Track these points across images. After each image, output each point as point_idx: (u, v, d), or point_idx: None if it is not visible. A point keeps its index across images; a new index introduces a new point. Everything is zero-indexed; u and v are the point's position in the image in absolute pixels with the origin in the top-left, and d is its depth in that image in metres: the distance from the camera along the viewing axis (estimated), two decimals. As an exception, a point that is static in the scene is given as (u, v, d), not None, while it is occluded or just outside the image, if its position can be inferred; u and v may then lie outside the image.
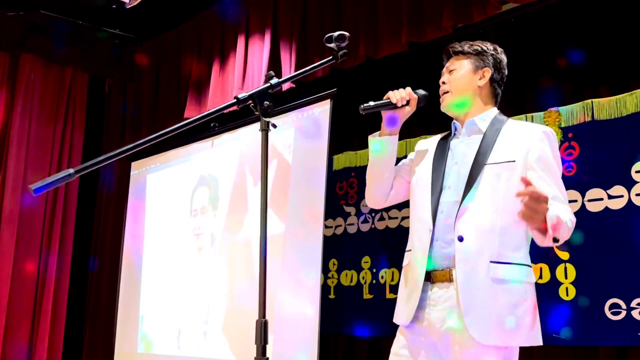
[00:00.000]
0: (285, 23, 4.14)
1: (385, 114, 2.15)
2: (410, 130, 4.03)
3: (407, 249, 2.19)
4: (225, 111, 1.81)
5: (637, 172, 3.23)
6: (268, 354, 1.54)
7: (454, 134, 2.19)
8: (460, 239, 1.96)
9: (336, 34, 1.85)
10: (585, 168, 3.40)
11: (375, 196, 2.26)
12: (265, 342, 1.51)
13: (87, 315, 5.40)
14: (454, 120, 2.21)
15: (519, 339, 1.94)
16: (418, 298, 2.01)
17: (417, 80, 2.28)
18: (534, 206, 1.74)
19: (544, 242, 1.85)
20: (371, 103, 2.10)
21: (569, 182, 3.42)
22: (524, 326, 1.93)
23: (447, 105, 2.18)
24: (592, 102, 3.41)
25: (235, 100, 1.68)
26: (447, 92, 2.17)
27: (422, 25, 3.44)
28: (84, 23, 5.21)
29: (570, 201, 3.38)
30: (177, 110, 4.89)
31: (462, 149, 2.11)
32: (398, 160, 2.27)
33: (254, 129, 1.54)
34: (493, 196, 1.98)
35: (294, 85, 4.01)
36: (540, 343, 1.99)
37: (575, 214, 3.32)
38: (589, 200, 3.36)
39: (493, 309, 1.91)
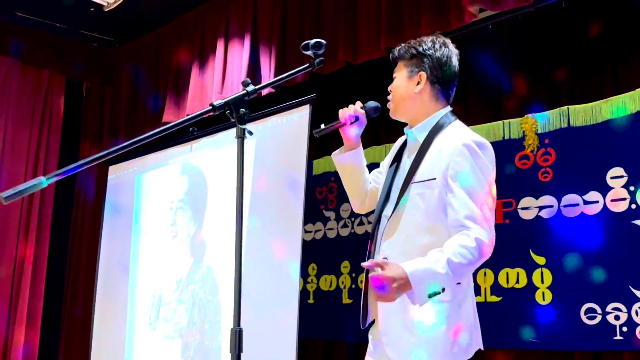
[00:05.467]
0: (265, 28, 4.13)
1: (342, 132, 2.18)
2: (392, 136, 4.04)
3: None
4: (203, 116, 1.80)
5: (612, 178, 3.27)
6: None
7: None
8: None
9: (313, 41, 1.85)
10: (561, 174, 3.43)
11: (354, 203, 2.30)
12: (240, 350, 1.50)
13: (62, 323, 5.33)
14: (405, 127, 2.17)
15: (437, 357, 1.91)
16: (364, 308, 2.07)
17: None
18: (380, 291, 1.78)
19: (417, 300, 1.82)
20: (322, 126, 2.14)
21: (546, 188, 3.46)
22: (441, 346, 1.90)
23: (391, 114, 2.16)
24: (568, 108, 3.45)
25: (210, 107, 1.68)
26: (391, 101, 2.14)
27: (400, 32, 3.46)
28: (62, 25, 5.16)
29: (546, 206, 3.44)
30: (156, 114, 4.85)
31: (404, 163, 2.10)
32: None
33: (233, 133, 1.53)
34: (415, 216, 1.97)
35: (274, 90, 4.00)
36: (462, 358, 1.95)
37: (552, 219, 3.41)
38: (565, 206, 3.39)
39: (408, 333, 1.91)
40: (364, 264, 1.86)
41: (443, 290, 1.84)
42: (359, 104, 2.16)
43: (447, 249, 1.84)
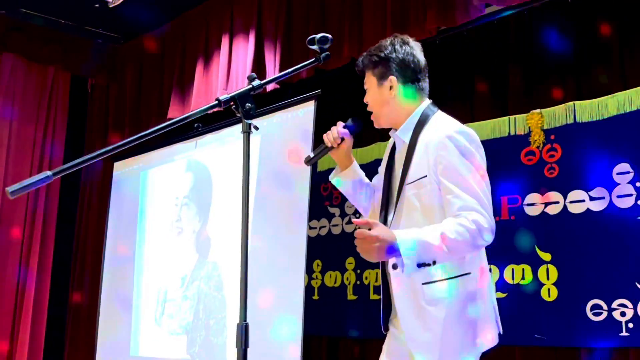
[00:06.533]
0: (269, 24, 4.13)
1: (332, 155, 2.20)
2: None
3: None
4: (208, 112, 1.80)
5: (618, 174, 3.26)
6: (250, 357, 1.53)
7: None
8: (394, 266, 1.89)
9: (319, 36, 1.84)
10: (567, 170, 3.42)
11: (365, 215, 2.32)
12: (246, 345, 1.50)
13: (68, 318, 5.35)
14: (390, 131, 2.18)
15: (464, 352, 1.93)
16: (385, 310, 2.10)
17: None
18: (363, 245, 1.84)
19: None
20: (311, 154, 2.17)
21: (551, 184, 3.45)
22: (465, 339, 1.92)
23: (375, 125, 2.17)
24: (574, 104, 3.44)
25: (216, 102, 1.67)
26: (372, 112, 2.15)
27: (406, 27, 3.45)
28: (67, 22, 5.16)
29: (552, 203, 3.43)
30: (161, 111, 4.86)
31: (396, 166, 2.11)
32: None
33: (238, 129, 1.54)
34: (414, 216, 1.98)
35: (279, 86, 4.00)
36: (484, 348, 1.96)
37: (557, 215, 3.40)
38: (571, 202, 3.38)
39: (432, 332, 1.92)
40: (354, 220, 1.88)
41: (434, 262, 1.84)
42: (340, 124, 2.17)
43: (443, 225, 1.86)
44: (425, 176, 1.96)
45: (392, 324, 2.11)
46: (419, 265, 1.82)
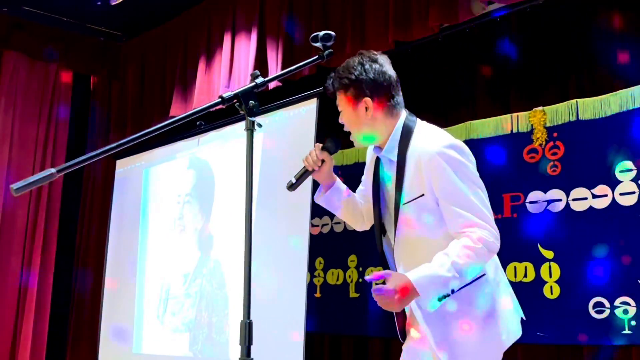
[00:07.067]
0: (272, 21, 4.12)
1: (314, 177, 2.20)
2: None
3: None
4: (211, 109, 1.80)
5: (620, 171, 3.26)
6: (253, 354, 1.54)
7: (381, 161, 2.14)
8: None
9: (322, 33, 1.84)
10: (570, 167, 3.42)
11: (355, 227, 2.33)
12: (250, 342, 1.50)
13: (71, 316, 5.36)
14: (374, 147, 2.13)
15: (492, 353, 1.98)
16: (399, 318, 2.11)
17: (402, 80, 2.26)
18: (384, 300, 1.85)
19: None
20: (293, 180, 2.17)
21: (554, 182, 3.45)
22: (490, 340, 1.96)
23: (356, 146, 2.15)
24: (577, 102, 3.43)
25: (220, 99, 1.67)
26: (350, 132, 2.11)
27: (408, 25, 3.45)
28: (69, 20, 5.16)
29: (554, 200, 3.43)
30: (163, 108, 4.86)
31: (387, 183, 2.08)
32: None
33: (240, 127, 1.56)
34: (417, 232, 1.98)
35: (281, 84, 4.00)
36: (511, 342, 2.00)
37: (560, 213, 3.40)
38: (574, 200, 3.38)
39: (457, 341, 1.94)
40: (367, 278, 1.89)
41: (453, 291, 1.88)
42: (318, 146, 2.15)
43: (451, 251, 1.87)
44: (423, 195, 1.95)
45: (413, 326, 2.10)
46: (440, 300, 1.88)
